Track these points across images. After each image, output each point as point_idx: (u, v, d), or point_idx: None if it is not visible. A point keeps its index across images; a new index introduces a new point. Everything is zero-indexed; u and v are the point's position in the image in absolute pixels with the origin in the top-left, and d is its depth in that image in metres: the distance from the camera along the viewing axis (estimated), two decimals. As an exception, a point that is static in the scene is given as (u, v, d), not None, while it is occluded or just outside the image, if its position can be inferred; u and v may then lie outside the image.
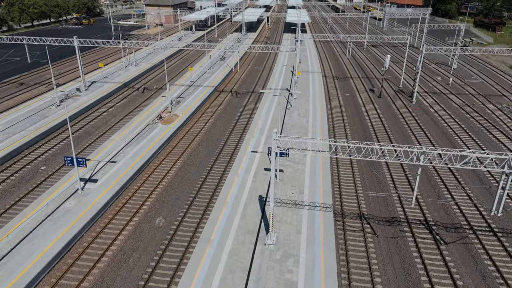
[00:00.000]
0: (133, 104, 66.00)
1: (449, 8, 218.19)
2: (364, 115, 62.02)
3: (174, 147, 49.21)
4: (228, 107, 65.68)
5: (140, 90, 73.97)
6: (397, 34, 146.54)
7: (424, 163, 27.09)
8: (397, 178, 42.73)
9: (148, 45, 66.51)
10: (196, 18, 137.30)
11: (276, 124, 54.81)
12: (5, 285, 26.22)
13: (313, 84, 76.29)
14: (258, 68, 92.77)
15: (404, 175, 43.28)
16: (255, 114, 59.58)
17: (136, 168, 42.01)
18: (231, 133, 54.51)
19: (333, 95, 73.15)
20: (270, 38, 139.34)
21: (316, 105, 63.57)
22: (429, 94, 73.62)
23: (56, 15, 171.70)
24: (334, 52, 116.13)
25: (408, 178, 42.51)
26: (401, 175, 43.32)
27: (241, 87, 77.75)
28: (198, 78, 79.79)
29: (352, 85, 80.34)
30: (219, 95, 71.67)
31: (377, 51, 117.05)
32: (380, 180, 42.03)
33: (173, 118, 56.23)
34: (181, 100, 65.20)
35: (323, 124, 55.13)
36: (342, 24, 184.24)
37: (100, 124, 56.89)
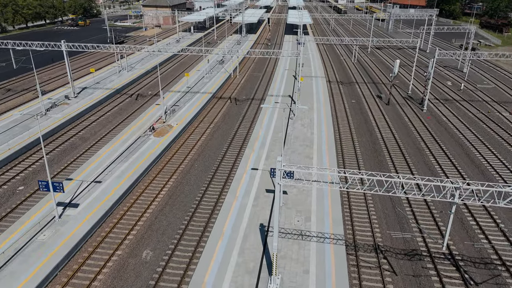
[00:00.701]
0: (125, 113, 61.71)
1: (453, 8, 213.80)
2: (372, 125, 57.69)
3: (167, 163, 44.90)
4: (227, 115, 61.39)
5: (134, 97, 69.69)
6: (402, 36, 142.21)
7: (460, 201, 22.65)
8: (418, 212, 38.22)
9: (141, 49, 62.15)
10: (195, 20, 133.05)
11: (279, 136, 50.50)
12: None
13: (317, 90, 71.99)
14: (258, 74, 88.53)
15: (427, 209, 38.75)
16: (256, 124, 55.30)
17: (123, 189, 37.72)
18: (229, 145, 50.20)
19: (339, 101, 68.83)
20: (271, 40, 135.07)
21: (321, 113, 59.27)
22: (440, 101, 69.28)
23: (52, 16, 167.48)
24: (338, 55, 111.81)
25: (432, 212, 37.89)
26: (423, 210, 38.97)
27: (241, 93, 73.45)
28: (195, 83, 75.50)
29: (358, 90, 76.03)
30: (217, 103, 67.38)
31: (382, 54, 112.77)
32: (400, 213, 37.66)
33: (166, 129, 51.92)
34: (176, 108, 60.90)
35: (329, 136, 50.81)
36: (345, 25, 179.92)
37: (88, 136, 52.60)
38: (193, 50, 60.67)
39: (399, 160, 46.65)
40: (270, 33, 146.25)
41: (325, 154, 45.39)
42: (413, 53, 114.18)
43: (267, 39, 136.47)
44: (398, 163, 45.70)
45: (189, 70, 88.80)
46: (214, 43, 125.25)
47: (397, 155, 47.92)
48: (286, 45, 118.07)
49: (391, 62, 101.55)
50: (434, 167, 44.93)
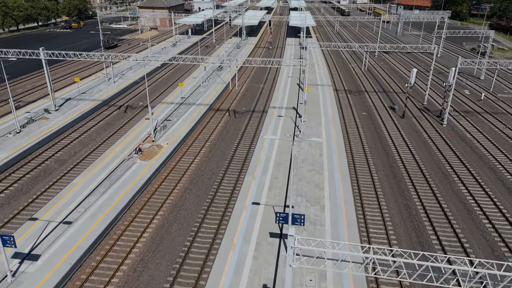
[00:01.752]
0: (111, 128, 55.29)
1: (460, 9, 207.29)
2: (388, 143, 51.21)
3: (153, 195, 38.43)
4: (224, 131, 54.96)
5: (122, 109, 63.28)
6: (410, 39, 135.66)
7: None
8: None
9: (127, 58, 55.78)
10: (192, 22, 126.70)
11: (283, 158, 44.06)
12: None
13: (324, 100, 65.55)
14: (258, 85, 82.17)
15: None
16: (257, 142, 48.89)
17: (97, 232, 31.28)
18: (227, 170, 43.73)
19: (348, 114, 62.35)
20: (272, 43, 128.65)
21: (330, 129, 52.83)
22: (460, 113, 62.79)
23: (44, 18, 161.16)
24: (344, 60, 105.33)
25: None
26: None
27: (240, 104, 67.03)
28: (191, 93, 69.07)
29: (368, 101, 69.55)
30: (214, 116, 60.95)
31: (390, 58, 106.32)
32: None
33: (155, 150, 45.47)
34: (168, 123, 54.47)
35: (341, 158, 44.35)
36: (348, 27, 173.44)
37: (66, 158, 46.17)
38: (185, 58, 54.27)
39: (424, 189, 40.16)
40: (272, 35, 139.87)
41: (338, 183, 38.93)
42: (423, 57, 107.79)
43: (268, 42, 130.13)
44: (423, 193, 39.21)
45: (184, 77, 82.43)
46: (213, 46, 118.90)
47: (420, 183, 41.41)
48: (289, 49, 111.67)
49: (401, 68, 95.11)
50: (466, 198, 38.44)
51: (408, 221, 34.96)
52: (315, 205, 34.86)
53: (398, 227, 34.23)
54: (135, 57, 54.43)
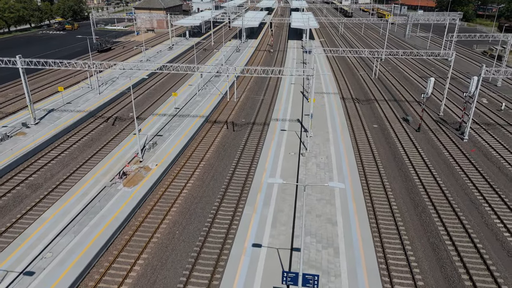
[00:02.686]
0: (96, 145, 49.76)
1: (466, 10, 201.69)
2: (405, 163, 45.62)
3: (136, 232, 32.86)
4: (221, 148, 49.42)
5: (110, 121, 57.73)
6: (418, 42, 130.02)
7: None
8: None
9: (112, 66, 50.26)
10: (189, 24, 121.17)
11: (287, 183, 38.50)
12: None
13: (331, 110, 59.98)
14: (257, 97, 76.70)
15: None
16: (258, 162, 43.33)
17: (65, 285, 25.71)
18: (223, 198, 38.15)
19: (358, 127, 56.77)
20: (274, 46, 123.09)
21: (339, 145, 47.26)
22: (481, 126, 57.19)
23: (37, 20, 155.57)
24: (349, 64, 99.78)
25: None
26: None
27: (240, 114, 61.48)
28: (186, 102, 63.52)
29: (378, 110, 63.95)
30: (210, 129, 55.41)
31: (397, 62, 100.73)
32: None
33: (142, 174, 39.90)
34: (158, 139, 48.90)
35: (354, 182, 38.79)
36: (352, 28, 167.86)
37: (41, 182, 40.61)
38: (176, 67, 48.74)
39: (452, 222, 34.58)
40: (273, 38, 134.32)
41: (352, 215, 33.35)
42: (434, 61, 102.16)
43: (269, 45, 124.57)
44: (452, 229, 33.62)
45: (180, 84, 76.87)
46: (211, 50, 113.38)
47: (447, 214, 35.81)
48: (291, 52, 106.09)
49: (410, 73, 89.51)
50: (503, 235, 32.87)
51: (437, 267, 29.38)
52: (327, 248, 29.29)
53: (427, 274, 28.65)
54: (121, 65, 48.79)
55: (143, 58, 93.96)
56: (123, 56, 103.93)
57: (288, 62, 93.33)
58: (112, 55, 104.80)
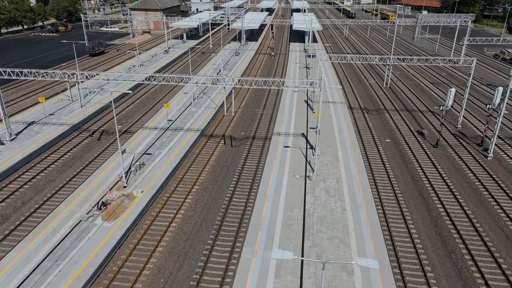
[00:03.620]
0: (76, 165, 44.42)
1: (472, 10, 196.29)
2: (425, 187, 40.22)
3: (112, 281, 27.46)
4: (218, 168, 44.06)
5: (96, 135, 52.37)
6: (425, 44, 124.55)
7: None
8: None
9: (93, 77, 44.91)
10: (187, 26, 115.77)
11: (293, 215, 33.15)
12: None
13: (338, 122, 54.61)
14: (257, 110, 71.43)
15: None
16: (259, 187, 37.99)
17: None
18: (217, 235, 32.79)
19: (369, 142, 51.38)
20: (275, 49, 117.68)
21: (351, 166, 41.92)
22: (505, 141, 51.79)
23: (29, 21, 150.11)
24: (355, 69, 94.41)
25: None
26: None
27: (238, 127, 56.14)
28: (180, 113, 58.16)
29: (389, 122, 58.55)
30: (206, 144, 50.07)
31: (406, 66, 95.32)
32: None
33: (124, 204, 34.53)
34: (146, 159, 43.55)
35: (370, 213, 33.43)
36: (356, 30, 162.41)
37: (8, 213, 35.25)
38: (165, 77, 43.30)
39: (489, 266, 29.17)
40: (274, 40, 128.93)
41: (371, 256, 27.95)
42: (444, 65, 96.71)
43: (270, 47, 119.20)
44: (488, 273, 28.22)
45: (174, 92, 71.44)
46: (209, 53, 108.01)
47: (480, 254, 30.40)
48: (293, 56, 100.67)
49: (421, 78, 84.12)
50: (553, 285, 27.49)
51: (459, 280, 24.04)
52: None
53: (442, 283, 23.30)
54: (105, 75, 43.43)
55: (137, 63, 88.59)
56: (116, 60, 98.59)
57: (291, 67, 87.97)
58: (105, 59, 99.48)
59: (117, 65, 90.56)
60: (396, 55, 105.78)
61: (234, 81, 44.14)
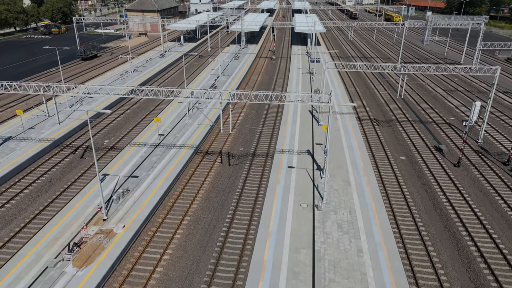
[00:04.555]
0: (52, 190, 39.26)
1: (479, 11, 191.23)
2: (450, 217, 35.03)
3: None
4: (213, 193, 38.91)
5: (80, 152, 47.20)
6: (436, 48, 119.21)
7: None
8: None
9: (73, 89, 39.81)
10: (184, 28, 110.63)
11: (301, 257, 27.96)
12: None
13: (347, 137, 49.44)
14: (256, 128, 66.13)
15: None
16: (260, 221, 32.85)
17: None
18: (210, 283, 27.58)
19: (382, 160, 46.15)
20: (276, 52, 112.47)
21: (365, 192, 36.75)
22: (533, 159, 46.59)
23: (22, 23, 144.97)
24: (363, 76, 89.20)
25: None
26: None
27: (237, 142, 50.98)
28: (173, 127, 53.01)
29: (402, 136, 53.34)
30: (201, 163, 44.91)
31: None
32: None
33: (101, 244, 29.32)
34: (131, 185, 38.36)
35: (392, 256, 28.24)
36: (359, 32, 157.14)
37: (-33, 252, 30.10)
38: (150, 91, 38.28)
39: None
40: (275, 43, 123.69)
41: (397, 323, 22.77)
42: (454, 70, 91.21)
43: (271, 50, 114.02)
44: None
45: (168, 101, 66.23)
46: (207, 56, 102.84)
47: (529, 311, 25.26)
48: (295, 60, 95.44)
49: (432, 85, 78.91)
50: None
51: None
52: None
53: None
54: (86, 88, 38.31)
55: (129, 68, 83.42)
56: (109, 64, 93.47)
57: (293, 73, 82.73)
58: (97, 63, 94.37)
59: (110, 70, 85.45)
60: (404, 60, 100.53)
61: (231, 95, 38.94)
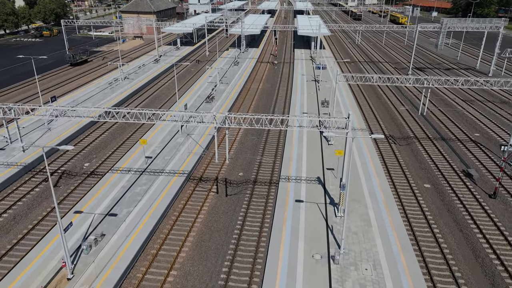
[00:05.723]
0: (14, 231, 32.88)
1: (487, 12, 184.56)
2: (496, 271, 28.57)
3: None
4: (206, 235, 32.50)
5: (53, 179, 40.75)
6: (449, 52, 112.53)
7: None
8: None
9: (34, 110, 33.46)
10: (180, 31, 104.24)
11: None
12: None
13: (363, 161, 42.98)
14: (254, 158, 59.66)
15: None
16: (264, 278, 26.40)
17: None
18: None
19: (405, 190, 39.65)
20: (278, 57, 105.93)
21: (389, 237, 30.33)
22: None
23: (12, 25, 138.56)
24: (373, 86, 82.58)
25: None
26: None
27: (235, 165, 44.55)
28: (163, 147, 46.58)
29: (424, 157, 46.80)
30: (193, 194, 38.49)
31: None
32: None
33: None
34: (110, 224, 31.90)
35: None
36: (365, 34, 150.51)
37: None
38: (126, 114, 32.15)
39: None
40: (277, 47, 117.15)
41: None
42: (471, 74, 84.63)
43: (272, 55, 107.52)
44: None
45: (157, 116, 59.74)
46: (205, 61, 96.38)
47: None
48: (299, 65, 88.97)
49: (449, 95, 72.34)
50: None
51: None
52: None
53: None
54: (47, 110, 31.74)
55: (120, 76, 76.97)
56: (99, 70, 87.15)
57: (297, 80, 76.25)
58: (87, 69, 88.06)
59: (99, 78, 79.11)
60: (415, 65, 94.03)
61: (228, 118, 32.60)
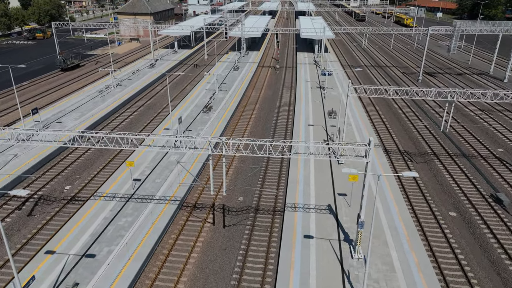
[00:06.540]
0: (-23, 273, 27.93)
1: (494, 13, 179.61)
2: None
3: None
4: (199, 279, 27.61)
5: (29, 205, 35.84)
6: (462, 57, 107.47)
7: None
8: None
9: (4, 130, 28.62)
10: (177, 34, 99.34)
11: None
12: None
13: (380, 186, 37.89)
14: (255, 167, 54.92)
15: None
16: None
17: None
18: None
19: (428, 221, 34.73)
20: (280, 61, 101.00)
21: (416, 282, 25.33)
22: None
23: (4, 27, 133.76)
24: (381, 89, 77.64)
25: None
26: None
27: (234, 190, 39.64)
28: (153, 168, 41.68)
29: (445, 178, 41.85)
30: (185, 225, 33.62)
31: (438, 83, 78.62)
32: None
33: None
34: (88, 267, 26.97)
35: None
36: (370, 36, 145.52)
37: None
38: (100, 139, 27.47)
39: None
40: (279, 50, 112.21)
41: None
42: (486, 83, 79.81)
43: (274, 59, 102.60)
44: None
45: (154, 124, 54.93)
46: (204, 65, 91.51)
47: None
48: (302, 70, 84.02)
49: (467, 104, 67.42)
50: None
51: None
52: None
53: None
54: (11, 134, 26.82)
55: (112, 83, 72.07)
56: (91, 76, 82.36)
57: (301, 87, 71.34)
58: (78, 75, 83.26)
59: (90, 84, 74.39)
60: (425, 70, 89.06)
61: (225, 144, 27.77)
